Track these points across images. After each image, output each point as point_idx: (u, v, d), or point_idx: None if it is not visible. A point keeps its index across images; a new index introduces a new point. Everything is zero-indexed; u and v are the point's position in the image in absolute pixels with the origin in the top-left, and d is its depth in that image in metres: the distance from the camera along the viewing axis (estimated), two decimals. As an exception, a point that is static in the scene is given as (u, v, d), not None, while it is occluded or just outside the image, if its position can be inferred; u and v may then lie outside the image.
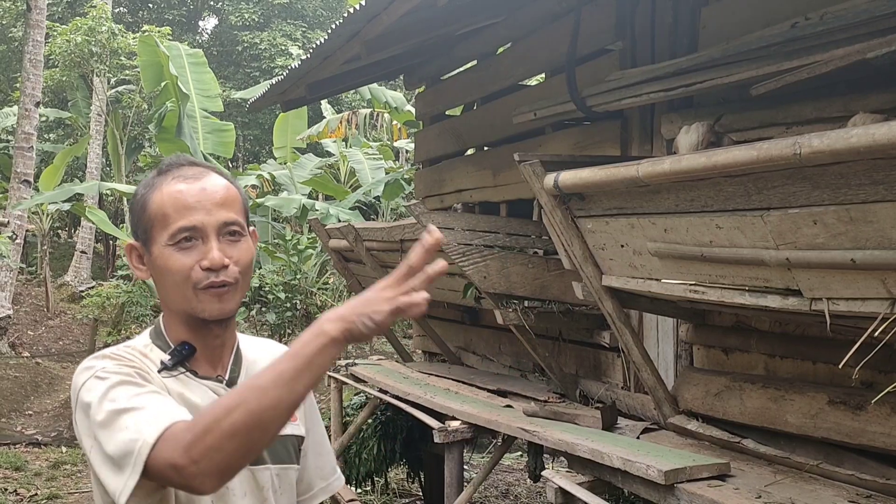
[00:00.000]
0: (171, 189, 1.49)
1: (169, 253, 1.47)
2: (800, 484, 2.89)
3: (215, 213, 1.48)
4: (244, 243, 1.52)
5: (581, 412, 4.01)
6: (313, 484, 1.72)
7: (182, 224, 1.46)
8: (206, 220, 1.47)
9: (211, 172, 1.54)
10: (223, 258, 1.47)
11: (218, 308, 1.48)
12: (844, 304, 2.31)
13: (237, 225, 1.51)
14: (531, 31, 5.28)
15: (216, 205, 1.49)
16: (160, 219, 1.48)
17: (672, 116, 3.80)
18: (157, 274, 1.51)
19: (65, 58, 16.25)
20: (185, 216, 1.47)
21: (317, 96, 7.91)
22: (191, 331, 1.53)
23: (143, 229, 1.51)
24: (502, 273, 4.24)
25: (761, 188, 2.33)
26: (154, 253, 1.49)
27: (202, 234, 1.47)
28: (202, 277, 1.46)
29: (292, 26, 23.66)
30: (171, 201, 1.48)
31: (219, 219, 1.48)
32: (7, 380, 11.44)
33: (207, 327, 1.52)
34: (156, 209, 1.49)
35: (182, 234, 1.46)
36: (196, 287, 1.46)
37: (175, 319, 1.54)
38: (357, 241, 5.67)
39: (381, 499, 6.59)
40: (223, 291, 1.48)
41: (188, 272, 1.46)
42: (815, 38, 2.84)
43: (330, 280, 11.88)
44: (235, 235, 1.51)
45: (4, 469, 7.66)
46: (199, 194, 1.49)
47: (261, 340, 1.73)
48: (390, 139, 15.77)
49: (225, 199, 1.51)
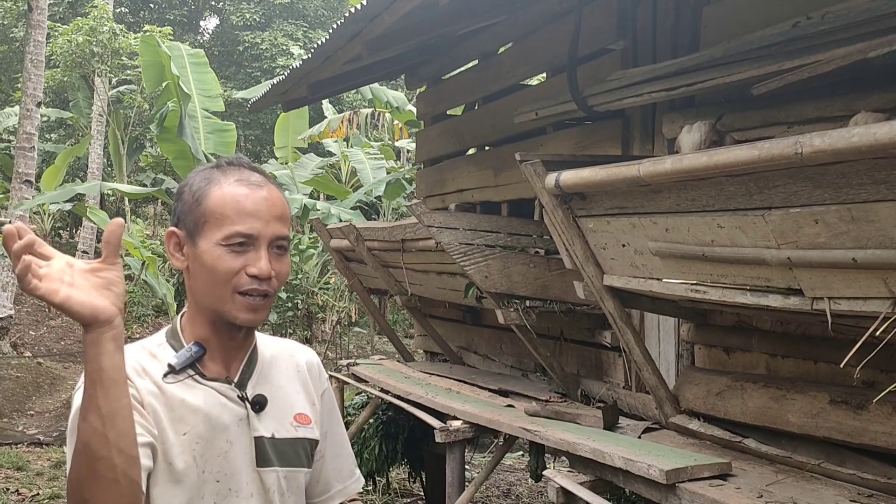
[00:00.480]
0: (234, 191, 1.50)
1: (220, 252, 1.47)
2: (801, 483, 2.89)
3: (272, 225, 1.50)
4: (287, 259, 1.55)
5: (582, 412, 4.01)
6: (331, 486, 1.71)
7: (240, 229, 1.47)
8: (263, 231, 1.49)
9: (272, 183, 1.56)
10: (271, 270, 1.48)
11: (251, 318, 1.50)
12: (846, 304, 2.31)
13: (286, 240, 1.53)
14: (532, 30, 5.28)
15: (274, 217, 1.51)
16: (217, 217, 1.49)
17: (673, 116, 3.80)
18: (198, 268, 1.51)
19: (66, 58, 16.26)
20: (244, 222, 1.48)
21: (318, 96, 7.91)
22: (213, 330, 1.53)
23: (194, 221, 1.51)
24: (504, 273, 4.24)
25: (763, 187, 2.33)
26: (201, 247, 1.49)
27: (255, 243, 1.48)
28: (245, 283, 1.47)
29: (293, 26, 23.65)
30: (232, 203, 1.49)
31: (274, 231, 1.50)
32: (9, 380, 11.45)
33: (231, 331, 1.53)
34: (214, 206, 1.49)
35: (237, 239, 1.47)
36: (237, 290, 1.48)
37: (200, 316, 1.54)
38: (358, 241, 5.67)
39: (383, 498, 6.59)
40: (259, 303, 1.49)
41: (233, 275, 1.47)
42: (817, 38, 2.84)
43: (331, 280, 11.90)
44: (282, 250, 1.53)
45: (6, 469, 7.66)
46: (262, 203, 1.50)
47: (280, 341, 1.73)
48: (392, 139, 15.78)
49: (282, 214, 1.53)
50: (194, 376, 1.51)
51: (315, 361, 1.72)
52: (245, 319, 1.49)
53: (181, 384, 1.50)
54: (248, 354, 1.59)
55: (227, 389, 1.53)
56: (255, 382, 1.57)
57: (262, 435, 1.53)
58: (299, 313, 10.85)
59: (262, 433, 1.53)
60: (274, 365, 1.63)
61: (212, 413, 1.49)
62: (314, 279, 11.44)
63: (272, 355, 1.64)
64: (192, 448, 1.47)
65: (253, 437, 1.53)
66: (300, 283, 10.84)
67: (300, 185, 14.42)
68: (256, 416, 1.54)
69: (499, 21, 5.65)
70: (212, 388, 1.52)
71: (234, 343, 1.55)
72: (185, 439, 1.46)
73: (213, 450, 1.48)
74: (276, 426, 1.55)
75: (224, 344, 1.54)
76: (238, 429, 1.52)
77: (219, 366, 1.55)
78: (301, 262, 11.09)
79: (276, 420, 1.56)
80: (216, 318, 1.51)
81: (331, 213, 11.43)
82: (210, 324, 1.53)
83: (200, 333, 1.54)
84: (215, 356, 1.54)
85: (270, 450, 1.54)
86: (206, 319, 1.53)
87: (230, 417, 1.51)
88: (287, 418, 1.58)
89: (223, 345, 1.54)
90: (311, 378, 1.69)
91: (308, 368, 1.69)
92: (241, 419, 1.52)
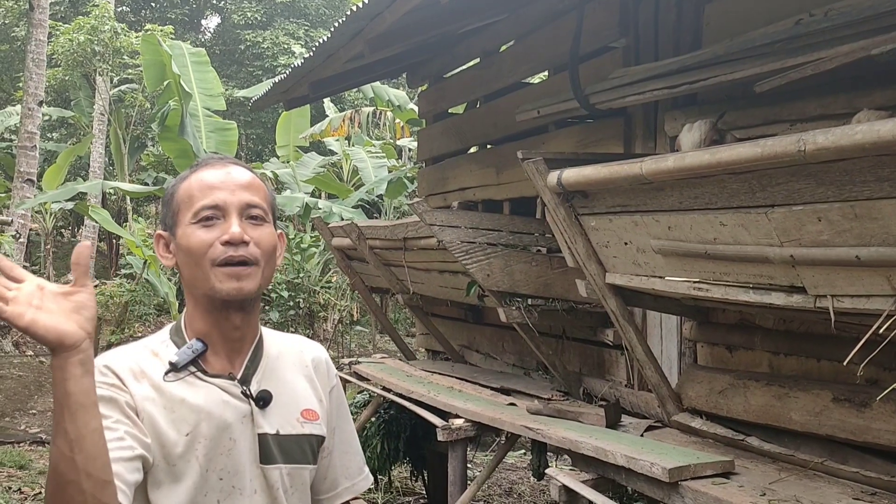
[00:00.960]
0: (198, 175, 1.54)
1: (192, 230, 1.49)
2: (804, 481, 2.89)
3: (238, 193, 1.52)
4: (266, 228, 1.53)
5: (585, 410, 4.01)
6: (338, 483, 1.70)
7: (205, 202, 1.50)
8: (229, 199, 1.50)
9: (238, 163, 1.59)
10: (243, 234, 1.48)
11: (235, 287, 1.48)
12: (849, 302, 2.31)
13: (259, 209, 1.53)
14: (534, 28, 5.28)
15: (240, 186, 1.53)
16: (186, 201, 1.52)
17: (675, 114, 3.79)
18: (181, 256, 1.52)
19: (67, 57, 16.26)
20: (208, 195, 1.50)
21: (319, 95, 7.91)
22: (211, 320, 1.52)
23: (171, 215, 1.54)
24: (506, 271, 4.23)
25: (765, 185, 2.32)
26: (178, 235, 1.52)
27: (224, 213, 1.50)
28: (220, 252, 1.47)
29: (295, 25, 23.65)
30: (196, 184, 1.53)
31: (241, 199, 1.51)
32: (11, 379, 11.46)
33: (227, 315, 1.51)
34: (182, 194, 1.53)
35: (204, 213, 1.49)
36: (214, 263, 1.47)
37: (197, 309, 1.53)
38: (360, 240, 5.67)
39: (385, 497, 6.59)
40: (241, 270, 1.48)
41: (207, 248, 1.47)
42: (820, 35, 2.84)
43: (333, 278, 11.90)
44: (258, 220, 1.52)
45: (8, 467, 7.67)
46: (224, 177, 1.53)
47: (289, 337, 1.71)
48: (393, 137, 15.77)
49: (249, 184, 1.54)
50: (196, 373, 1.50)
51: (324, 358, 1.71)
52: (229, 290, 1.47)
53: (182, 382, 1.49)
54: (253, 349, 1.58)
55: (230, 386, 1.52)
56: (260, 378, 1.56)
57: (266, 431, 1.52)
58: (301, 312, 10.86)
59: (266, 430, 1.52)
60: (281, 360, 1.62)
61: (214, 412, 1.48)
62: (316, 278, 11.44)
63: (279, 351, 1.63)
64: (194, 448, 1.46)
65: (256, 434, 1.52)
66: (302, 281, 10.84)
67: (302, 184, 14.42)
68: (261, 413, 1.52)
69: (500, 19, 5.64)
70: (214, 385, 1.51)
71: (236, 334, 1.54)
72: (187, 440, 1.45)
73: (216, 448, 1.47)
74: (281, 422, 1.54)
75: (225, 336, 1.53)
76: (241, 426, 1.51)
77: (222, 361, 1.54)
78: (303, 261, 11.09)
79: (281, 416, 1.55)
80: (208, 303, 1.51)
81: (332, 211, 11.42)
82: (207, 314, 1.52)
83: (201, 328, 1.53)
84: (218, 351, 1.53)
85: (274, 446, 1.52)
86: (203, 310, 1.52)
87: (233, 415, 1.50)
88: (293, 414, 1.57)
89: (224, 337, 1.53)
90: (319, 374, 1.67)
91: (316, 364, 1.68)
92: (245, 416, 1.51)
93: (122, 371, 1.46)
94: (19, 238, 12.95)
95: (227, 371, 1.53)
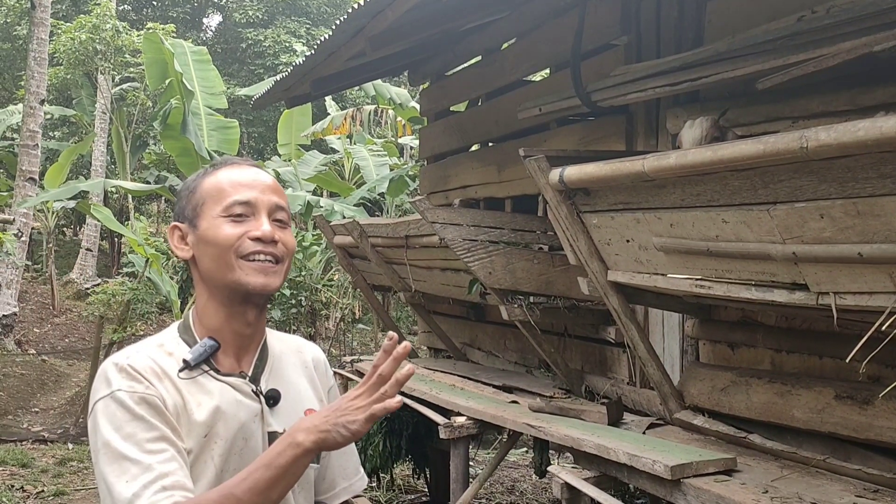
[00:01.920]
0: (226, 173, 1.56)
1: (220, 223, 1.51)
2: (807, 479, 2.89)
3: (267, 194, 1.55)
4: (289, 231, 1.57)
5: (587, 408, 4.01)
6: (336, 483, 1.71)
7: (238, 198, 1.52)
8: (261, 198, 1.53)
9: (262, 168, 1.62)
10: (274, 233, 1.52)
11: (262, 281, 1.50)
12: (851, 299, 2.30)
13: (285, 213, 1.57)
14: (536, 26, 5.27)
15: (269, 188, 1.56)
16: (214, 194, 1.53)
17: (677, 111, 3.79)
18: (202, 247, 1.53)
19: (69, 56, 16.27)
20: (240, 192, 1.53)
21: (321, 93, 7.91)
22: (225, 314, 1.53)
23: (193, 207, 1.55)
24: (507, 269, 4.23)
25: (767, 182, 2.32)
26: (202, 227, 1.52)
27: (255, 211, 1.52)
28: (249, 246, 1.50)
29: (296, 23, 23.65)
30: (227, 180, 1.55)
31: (271, 200, 1.55)
32: (13, 377, 11.48)
33: (244, 310, 1.53)
34: (209, 188, 1.55)
35: (236, 208, 1.51)
36: (240, 256, 1.49)
37: (211, 303, 1.54)
38: (362, 238, 5.67)
39: (387, 495, 6.59)
40: (269, 267, 1.51)
41: (235, 240, 1.50)
42: (822, 32, 2.83)
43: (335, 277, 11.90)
44: (283, 223, 1.56)
45: (11, 466, 7.68)
46: (255, 176, 1.56)
47: (286, 336, 1.73)
48: (395, 135, 15.78)
49: (276, 188, 1.58)
50: (209, 372, 1.51)
51: (322, 358, 1.74)
52: (257, 283, 1.50)
53: (196, 381, 1.49)
54: (260, 348, 1.59)
55: (242, 384, 1.53)
56: (267, 377, 1.57)
57: (276, 430, 1.53)
58: (303, 310, 10.85)
59: (275, 428, 1.53)
60: (284, 360, 1.63)
61: (229, 411, 1.49)
62: (318, 276, 11.43)
63: (281, 350, 1.64)
64: (210, 448, 1.47)
65: (267, 433, 1.52)
66: (304, 279, 10.83)
67: (303, 182, 14.41)
68: (270, 412, 1.54)
69: (502, 17, 5.64)
70: (227, 384, 1.51)
71: (248, 330, 1.55)
72: (204, 441, 1.46)
73: (231, 448, 1.48)
74: (287, 421, 1.54)
75: (237, 333, 1.54)
76: (254, 425, 1.52)
77: (231, 360, 1.54)
78: (304, 259, 11.08)
79: (287, 415, 1.56)
80: (229, 293, 1.51)
81: (334, 210, 11.42)
82: (223, 308, 1.53)
83: (212, 324, 1.53)
84: (228, 350, 1.54)
85: None
86: (219, 303, 1.53)
87: (246, 414, 1.51)
88: (298, 413, 1.58)
89: (236, 334, 1.54)
90: (318, 374, 1.70)
91: (315, 365, 1.70)
92: (256, 415, 1.52)
93: (147, 372, 1.47)
94: (21, 237, 12.96)
95: (238, 369, 1.55)
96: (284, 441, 1.34)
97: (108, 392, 1.42)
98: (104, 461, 1.38)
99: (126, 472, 1.36)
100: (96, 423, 1.41)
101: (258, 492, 1.31)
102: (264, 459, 1.34)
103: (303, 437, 1.33)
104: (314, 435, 1.33)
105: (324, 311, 11.71)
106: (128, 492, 1.34)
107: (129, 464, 1.36)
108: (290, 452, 1.32)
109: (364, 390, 1.36)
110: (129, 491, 1.34)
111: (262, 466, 1.32)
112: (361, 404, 1.35)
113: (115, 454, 1.37)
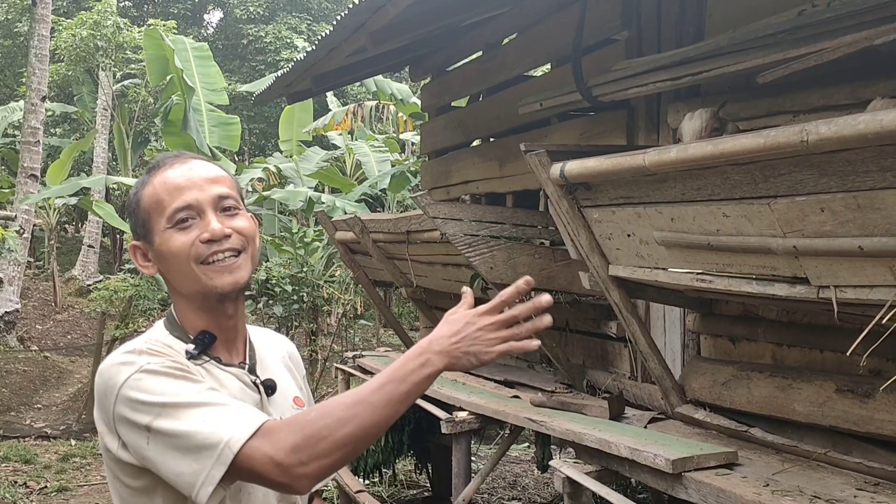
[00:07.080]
0: (160, 178, 1.51)
1: (169, 235, 1.47)
2: (808, 472, 2.89)
3: (207, 188, 1.49)
4: (242, 215, 1.53)
5: (588, 402, 4.01)
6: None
7: (177, 205, 1.47)
8: (200, 196, 1.48)
9: (196, 157, 1.56)
10: (223, 228, 1.47)
11: (230, 280, 1.48)
12: (852, 292, 2.31)
13: (231, 199, 1.51)
14: (537, 21, 5.27)
15: (207, 181, 1.50)
16: (155, 207, 1.49)
17: (678, 105, 3.79)
18: (163, 262, 1.51)
19: (70, 52, 16.28)
20: (177, 197, 1.48)
21: (322, 88, 7.90)
22: (206, 315, 1.52)
23: (142, 224, 1.51)
24: (509, 264, 4.23)
25: (768, 176, 2.32)
26: (156, 243, 1.49)
27: (198, 211, 1.48)
28: (203, 251, 1.46)
29: (297, 19, 23.65)
30: (162, 188, 1.49)
31: (212, 193, 1.49)
32: (16, 374, 11.50)
33: (222, 307, 1.52)
34: (149, 201, 1.50)
35: (179, 215, 1.47)
36: (199, 262, 1.46)
37: (190, 307, 1.53)
38: (363, 233, 5.67)
39: (389, 490, 6.61)
40: (231, 263, 1.48)
41: (189, 248, 1.46)
42: (823, 25, 2.83)
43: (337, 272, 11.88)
44: (232, 210, 1.51)
45: (14, 462, 7.70)
46: (188, 174, 1.50)
47: (260, 329, 1.75)
48: (396, 131, 15.76)
49: (215, 177, 1.52)
50: (212, 362, 1.52)
51: (294, 349, 1.79)
52: (225, 284, 1.48)
53: (203, 368, 1.49)
54: (248, 340, 1.61)
55: (243, 374, 1.54)
56: (260, 368, 1.60)
57: (274, 419, 1.54)
58: (305, 306, 10.83)
59: (274, 417, 1.54)
60: (267, 351, 1.66)
61: (239, 398, 1.49)
62: (319, 272, 11.42)
63: (262, 343, 1.67)
64: None
65: None
66: (305, 275, 10.83)
67: (305, 178, 14.42)
68: (268, 401, 1.56)
69: (503, 11, 5.63)
70: (231, 374, 1.53)
71: (229, 323, 1.55)
72: None
73: None
74: (281, 410, 1.57)
75: (221, 326, 1.54)
76: None
77: (226, 353, 1.56)
78: (306, 255, 11.08)
79: (280, 405, 1.59)
80: (202, 300, 1.50)
81: (336, 205, 11.43)
82: (202, 311, 1.52)
83: (197, 324, 1.53)
84: (220, 344, 1.55)
85: None
86: (196, 307, 1.52)
87: (251, 403, 1.52)
88: (288, 402, 1.61)
89: (221, 328, 1.54)
90: (295, 364, 1.74)
91: (290, 355, 1.74)
92: (256, 404, 1.53)
93: (167, 350, 1.46)
94: (23, 233, 12.98)
95: (236, 361, 1.56)
96: (417, 360, 1.34)
97: (133, 370, 1.36)
98: (166, 424, 1.31)
99: (194, 419, 1.30)
100: (131, 403, 1.33)
101: (392, 403, 1.31)
102: (397, 374, 1.33)
103: (437, 360, 1.34)
104: (446, 359, 1.34)
105: (325, 307, 11.70)
106: (223, 430, 1.29)
107: (200, 409, 1.32)
108: (424, 371, 1.33)
109: (492, 322, 1.36)
110: (222, 429, 1.30)
111: (395, 380, 1.32)
112: (492, 336, 1.35)
113: (176, 409, 1.31)
